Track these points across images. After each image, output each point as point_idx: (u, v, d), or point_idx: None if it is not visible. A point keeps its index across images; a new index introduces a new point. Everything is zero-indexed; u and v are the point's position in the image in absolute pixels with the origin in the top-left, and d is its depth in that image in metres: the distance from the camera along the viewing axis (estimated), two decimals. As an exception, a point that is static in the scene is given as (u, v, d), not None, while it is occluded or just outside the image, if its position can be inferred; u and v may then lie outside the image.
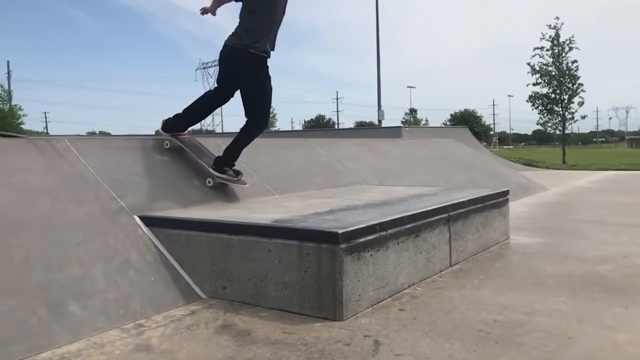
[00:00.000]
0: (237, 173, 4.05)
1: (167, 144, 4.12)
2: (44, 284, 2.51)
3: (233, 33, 3.82)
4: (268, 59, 3.86)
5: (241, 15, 3.81)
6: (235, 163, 4.12)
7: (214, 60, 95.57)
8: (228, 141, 4.20)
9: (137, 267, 2.93)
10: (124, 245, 3.03)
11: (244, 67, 3.80)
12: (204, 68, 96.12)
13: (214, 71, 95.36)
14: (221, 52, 3.90)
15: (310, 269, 2.66)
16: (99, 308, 2.54)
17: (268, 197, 4.36)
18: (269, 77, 3.89)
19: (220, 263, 2.96)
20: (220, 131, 72.64)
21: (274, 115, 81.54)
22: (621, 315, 2.54)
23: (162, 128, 4.18)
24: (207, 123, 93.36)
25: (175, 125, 4.17)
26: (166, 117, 4.20)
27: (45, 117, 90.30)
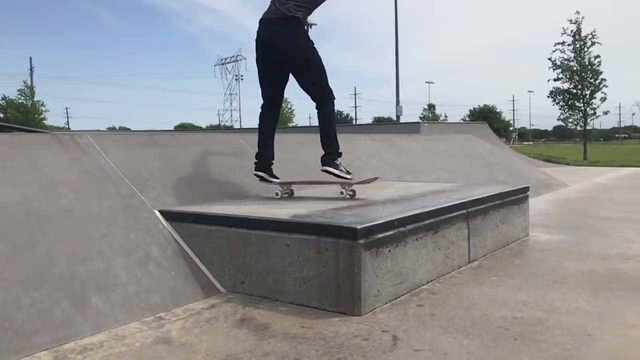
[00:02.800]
0: (348, 172, 3.82)
1: (277, 194, 3.90)
2: (67, 277, 2.56)
3: (290, 8, 3.65)
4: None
5: None
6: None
7: (232, 56, 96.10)
8: (253, 137, 4.19)
9: (158, 261, 2.97)
10: (144, 239, 3.07)
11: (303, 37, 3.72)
12: (222, 64, 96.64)
13: (233, 67, 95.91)
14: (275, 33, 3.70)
15: (329, 264, 2.66)
16: (121, 301, 2.59)
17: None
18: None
19: (239, 257, 2.98)
20: (239, 127, 73.03)
21: (292, 111, 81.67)
22: (643, 313, 2.51)
23: (258, 169, 3.97)
24: (225, 119, 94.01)
25: (261, 164, 3.97)
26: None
27: (67, 113, 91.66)
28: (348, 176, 3.76)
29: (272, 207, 3.45)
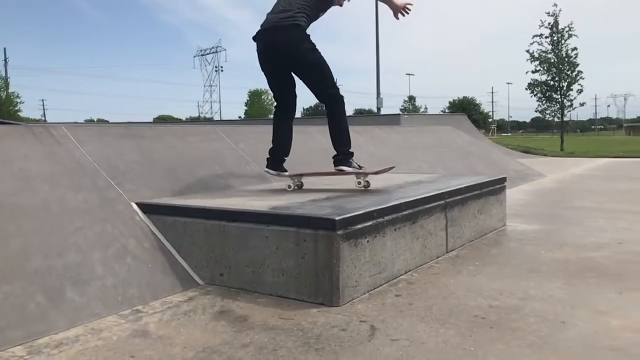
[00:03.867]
0: (360, 167, 3.84)
1: (290, 187, 3.86)
2: (42, 271, 2.52)
3: (294, 15, 3.63)
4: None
5: None
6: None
7: (212, 47, 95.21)
8: (233, 129, 4.18)
9: (135, 254, 2.94)
10: (121, 232, 3.04)
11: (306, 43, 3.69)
12: (202, 55, 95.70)
13: (212, 58, 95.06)
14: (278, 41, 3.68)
15: (308, 255, 2.67)
16: (97, 294, 2.56)
17: (267, 185, 4.36)
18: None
19: (217, 250, 2.97)
20: (219, 118, 72.50)
21: (272, 103, 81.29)
22: (615, 300, 2.56)
23: (268, 166, 3.97)
24: (205, 111, 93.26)
25: (273, 161, 3.96)
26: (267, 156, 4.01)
27: (43, 105, 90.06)
28: (360, 170, 3.79)
29: (251, 199, 3.44)
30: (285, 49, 3.67)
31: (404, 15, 3.86)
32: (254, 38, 3.80)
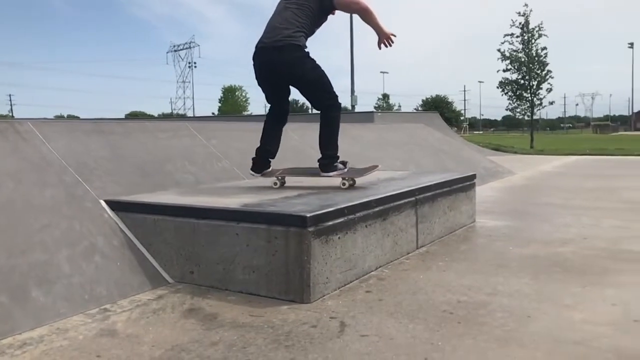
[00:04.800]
0: (344, 163, 3.85)
1: (276, 184, 3.84)
2: (5, 270, 2.47)
3: (292, 34, 3.60)
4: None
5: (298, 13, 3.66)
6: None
7: (186, 43, 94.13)
8: (205, 125, 4.15)
9: (103, 252, 2.90)
10: (89, 230, 2.99)
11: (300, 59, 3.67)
12: (175, 51, 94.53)
13: (186, 54, 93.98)
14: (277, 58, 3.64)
15: (278, 252, 2.67)
16: (63, 293, 2.51)
17: (238, 182, 4.34)
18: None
19: (187, 247, 2.94)
20: (192, 115, 71.76)
21: (247, 100, 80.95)
22: (579, 294, 2.63)
23: (252, 169, 3.93)
24: (178, 107, 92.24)
25: (258, 161, 3.93)
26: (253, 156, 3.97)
27: (10, 100, 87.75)
28: (345, 169, 3.80)
29: (222, 196, 3.42)
30: (285, 70, 3.66)
31: (387, 46, 3.82)
32: (253, 56, 3.77)
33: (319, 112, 3.84)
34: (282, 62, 3.62)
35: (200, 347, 2.08)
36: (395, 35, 3.81)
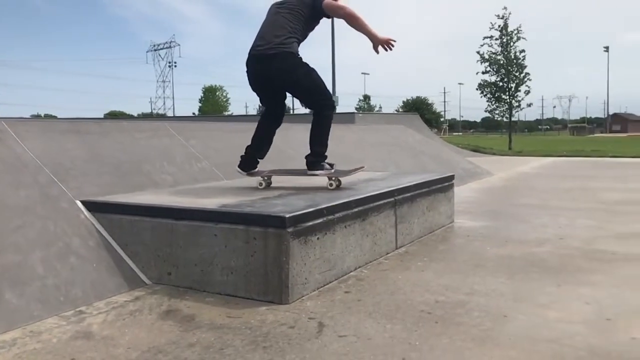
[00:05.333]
0: (331, 165, 3.85)
1: (261, 185, 3.82)
2: (-23, 272, 2.41)
3: (285, 41, 3.60)
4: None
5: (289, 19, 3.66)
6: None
7: (166, 42, 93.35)
8: (184, 125, 4.11)
9: (79, 253, 2.85)
10: (64, 231, 2.94)
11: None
12: (155, 50, 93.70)
13: (166, 53, 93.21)
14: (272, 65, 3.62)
15: (257, 253, 2.66)
16: (37, 295, 2.47)
17: (218, 183, 4.32)
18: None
19: (165, 248, 2.92)
20: (172, 115, 71.15)
21: (227, 100, 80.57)
22: (554, 294, 2.67)
23: (240, 166, 3.90)
24: (158, 107, 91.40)
25: (247, 160, 3.90)
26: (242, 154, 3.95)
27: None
28: (332, 170, 3.80)
29: (201, 197, 3.40)
30: (279, 79, 3.66)
31: (386, 50, 3.77)
32: (246, 62, 3.75)
33: (313, 112, 3.84)
34: (276, 71, 3.62)
35: (177, 348, 2.06)
36: (394, 40, 3.75)
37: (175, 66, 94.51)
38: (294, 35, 3.65)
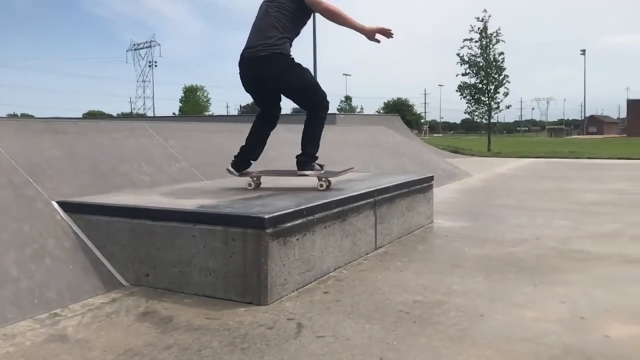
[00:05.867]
0: (321, 166, 3.84)
1: (250, 185, 3.79)
2: (-52, 274, 2.36)
3: (276, 42, 3.57)
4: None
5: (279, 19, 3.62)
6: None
7: (146, 42, 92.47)
8: (163, 125, 4.08)
9: (54, 255, 2.81)
10: (40, 232, 2.89)
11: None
12: (135, 49, 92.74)
13: (146, 53, 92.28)
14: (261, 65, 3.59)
15: (236, 254, 2.65)
16: (10, 298, 2.42)
17: (197, 183, 4.29)
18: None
19: (143, 250, 2.89)
20: (152, 114, 70.45)
21: (208, 100, 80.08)
22: (530, 293, 2.70)
23: (232, 166, 3.87)
24: (138, 107, 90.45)
25: (239, 160, 3.87)
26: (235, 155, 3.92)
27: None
28: (322, 171, 3.78)
29: (179, 198, 3.37)
30: (271, 81, 3.63)
31: (387, 37, 3.74)
32: (238, 64, 3.71)
33: (308, 111, 3.82)
34: (267, 72, 3.59)
35: (154, 350, 2.04)
36: (389, 29, 3.70)
37: (156, 66, 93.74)
38: (285, 34, 3.61)
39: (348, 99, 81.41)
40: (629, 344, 2.06)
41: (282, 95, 3.85)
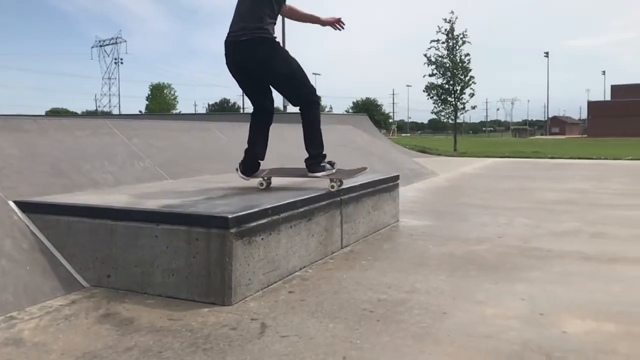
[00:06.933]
0: (332, 164, 3.80)
1: (262, 185, 3.73)
2: None
3: (258, 25, 3.46)
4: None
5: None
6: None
7: (112, 38, 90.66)
8: (127, 123, 4.00)
9: (11, 256, 2.73)
10: (-5, 233, 2.80)
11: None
12: (100, 46, 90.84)
13: (112, 49, 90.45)
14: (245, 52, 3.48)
15: (199, 254, 2.62)
16: (-37, 301, 2.34)
17: (161, 182, 4.23)
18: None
19: (104, 250, 2.83)
20: (118, 112, 69.10)
21: (175, 98, 79.09)
22: (491, 290, 2.75)
23: (242, 171, 3.77)
24: (103, 104, 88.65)
25: (246, 164, 3.78)
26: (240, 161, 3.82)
27: None
28: (334, 170, 3.76)
29: (142, 197, 3.32)
30: (257, 66, 3.52)
31: (339, 29, 3.80)
32: (224, 52, 3.60)
33: (299, 110, 3.74)
34: (250, 57, 3.48)
35: (114, 353, 2.00)
36: (341, 19, 3.79)
37: (122, 63, 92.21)
38: (266, 16, 3.49)
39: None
40: (585, 340, 2.12)
41: (268, 84, 3.70)
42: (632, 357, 1.97)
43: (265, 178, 3.80)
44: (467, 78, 22.30)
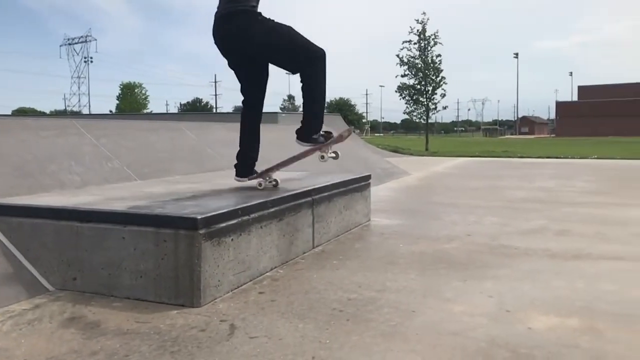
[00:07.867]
0: (327, 134, 3.54)
1: (260, 185, 3.62)
2: None
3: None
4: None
5: None
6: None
7: (81, 36, 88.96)
8: (95, 123, 3.93)
9: (-28, 260, 2.65)
10: (-45, 236, 2.72)
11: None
12: (69, 44, 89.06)
13: (81, 48, 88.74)
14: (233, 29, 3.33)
15: (168, 256, 2.58)
16: None
17: (129, 183, 4.16)
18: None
19: (70, 252, 2.77)
20: (88, 112, 67.85)
21: (146, 97, 78.10)
22: (460, 288, 2.79)
23: (238, 174, 3.70)
24: (72, 104, 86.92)
25: (240, 164, 3.70)
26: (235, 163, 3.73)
27: None
28: (326, 140, 3.54)
29: (109, 198, 3.26)
30: (237, 37, 3.35)
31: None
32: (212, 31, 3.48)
33: (300, 76, 3.47)
34: (237, 31, 3.34)
35: (79, 357, 1.96)
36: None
37: (92, 62, 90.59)
38: None
39: (291, 97, 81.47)
40: (548, 335, 2.16)
41: (262, 59, 3.54)
42: (593, 351, 2.02)
43: (267, 178, 3.67)
44: (438, 79, 22.58)
